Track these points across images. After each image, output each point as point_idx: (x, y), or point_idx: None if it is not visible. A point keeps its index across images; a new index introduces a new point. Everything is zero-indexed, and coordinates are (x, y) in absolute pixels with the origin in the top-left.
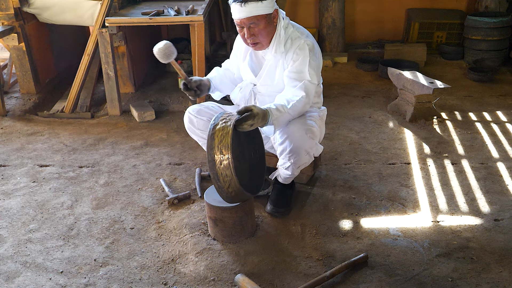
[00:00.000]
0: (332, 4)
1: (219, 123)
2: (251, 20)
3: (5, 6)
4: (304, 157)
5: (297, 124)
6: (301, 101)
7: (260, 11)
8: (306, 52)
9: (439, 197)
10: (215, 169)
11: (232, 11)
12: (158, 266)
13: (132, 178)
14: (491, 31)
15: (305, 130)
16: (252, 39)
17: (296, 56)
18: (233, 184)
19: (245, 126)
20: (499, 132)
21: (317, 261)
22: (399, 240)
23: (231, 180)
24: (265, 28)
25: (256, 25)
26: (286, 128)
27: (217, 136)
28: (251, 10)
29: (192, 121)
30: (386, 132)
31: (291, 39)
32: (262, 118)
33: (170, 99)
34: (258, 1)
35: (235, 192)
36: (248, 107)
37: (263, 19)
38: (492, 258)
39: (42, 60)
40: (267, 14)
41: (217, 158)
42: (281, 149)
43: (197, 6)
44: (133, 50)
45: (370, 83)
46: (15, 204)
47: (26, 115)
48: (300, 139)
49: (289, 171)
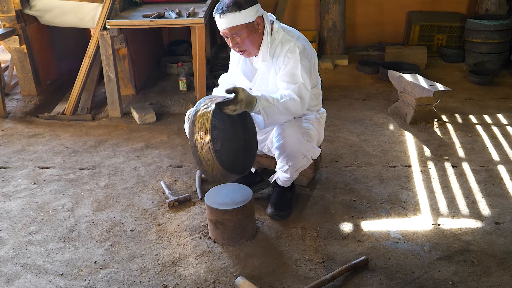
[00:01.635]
0: (333, 7)
1: (201, 109)
2: (232, 30)
3: (7, 8)
4: (302, 160)
5: (293, 127)
6: (293, 101)
7: (240, 21)
8: (297, 55)
9: (439, 200)
10: (198, 154)
11: (217, 24)
12: (158, 268)
13: (133, 180)
14: (492, 34)
15: (301, 133)
16: (238, 47)
17: (287, 60)
18: (216, 167)
19: (227, 111)
20: (500, 135)
21: (318, 264)
22: (399, 243)
23: (213, 164)
24: (248, 37)
25: (238, 35)
26: (282, 131)
27: (197, 123)
28: (230, 21)
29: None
30: (387, 134)
31: (281, 43)
32: (246, 104)
33: (170, 101)
34: (236, 11)
35: (220, 174)
36: (236, 89)
37: (244, 28)
38: (493, 262)
39: (43, 62)
40: (248, 23)
41: (198, 144)
42: (278, 152)
43: (198, 8)
44: (134, 52)
45: (371, 85)
46: (16, 206)
47: (27, 117)
48: (297, 142)
49: (287, 174)
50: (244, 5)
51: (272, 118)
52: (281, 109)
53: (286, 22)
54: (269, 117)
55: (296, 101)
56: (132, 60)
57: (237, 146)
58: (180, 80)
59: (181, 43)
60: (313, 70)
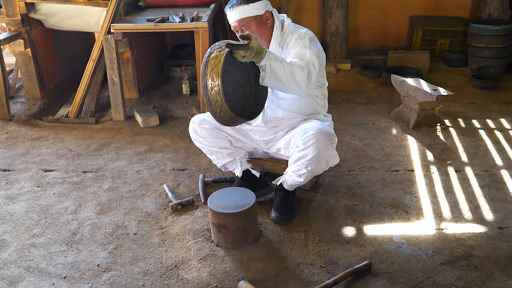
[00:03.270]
0: (336, 11)
1: (214, 52)
2: (241, 23)
3: (12, 12)
4: (322, 166)
5: (323, 132)
6: (301, 70)
7: (248, 13)
8: (306, 40)
9: (442, 204)
10: (208, 95)
11: (227, 17)
12: (161, 272)
13: (136, 183)
14: (494, 39)
15: (329, 138)
16: None
17: (296, 44)
18: (224, 109)
19: (237, 56)
20: (503, 140)
21: (320, 268)
22: (402, 247)
23: (222, 105)
24: (257, 29)
25: (247, 28)
26: (311, 135)
27: (210, 64)
28: (239, 13)
29: (195, 130)
30: (390, 139)
31: (291, 33)
32: (256, 53)
33: (174, 105)
34: (245, 4)
35: (227, 116)
36: (249, 36)
37: (253, 21)
38: (497, 267)
39: (48, 65)
40: (257, 15)
41: (209, 84)
42: (300, 155)
43: (202, 13)
44: (138, 56)
45: (374, 89)
46: (19, 208)
47: (31, 120)
48: (325, 147)
49: (302, 178)
50: None
51: (275, 75)
52: (286, 70)
53: None
54: (272, 72)
55: (303, 71)
56: (136, 63)
57: (247, 92)
58: (183, 83)
59: (184, 47)
60: (322, 62)
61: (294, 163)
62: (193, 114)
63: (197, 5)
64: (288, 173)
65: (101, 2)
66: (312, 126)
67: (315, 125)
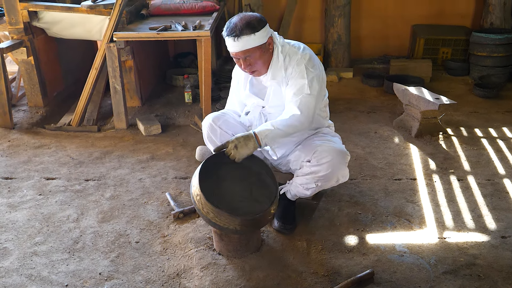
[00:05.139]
0: (338, 20)
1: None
2: (246, 53)
3: (15, 21)
4: (332, 183)
5: (337, 150)
6: (293, 117)
7: (254, 44)
8: (302, 68)
9: (445, 213)
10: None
11: (227, 44)
12: (163, 280)
13: (138, 191)
14: (497, 48)
15: (344, 157)
16: (249, 68)
17: (294, 72)
18: (206, 206)
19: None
20: (505, 149)
21: (323, 277)
22: (405, 256)
23: (205, 204)
24: (261, 57)
25: (251, 57)
26: (325, 152)
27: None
28: (245, 44)
29: (215, 132)
30: (392, 147)
31: (288, 56)
32: (244, 142)
33: (176, 113)
34: (251, 34)
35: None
36: (223, 144)
37: (258, 49)
38: (500, 276)
39: (50, 73)
40: (261, 44)
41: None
42: (311, 170)
43: (204, 21)
44: (140, 64)
45: (376, 98)
46: (21, 216)
47: (34, 128)
48: (339, 166)
49: (309, 191)
50: (257, 27)
51: (277, 141)
52: (283, 129)
53: (292, 35)
54: (275, 142)
55: (295, 115)
56: (138, 72)
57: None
58: (185, 92)
59: (186, 56)
60: (321, 84)
61: (303, 176)
62: (195, 123)
63: (200, 14)
64: (294, 184)
65: (103, 10)
66: (326, 143)
67: (329, 142)
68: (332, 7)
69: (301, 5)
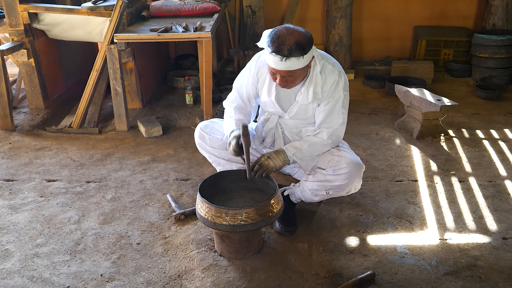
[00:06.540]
0: (339, 21)
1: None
2: (291, 73)
3: (15, 23)
4: (342, 194)
5: (355, 163)
6: (323, 143)
7: (300, 65)
8: (341, 93)
9: (446, 214)
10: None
11: (269, 60)
12: (164, 282)
13: (139, 193)
14: (499, 49)
15: (360, 171)
16: (285, 84)
17: (331, 96)
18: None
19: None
20: (507, 150)
21: (324, 278)
22: (406, 257)
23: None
24: (300, 76)
25: (292, 76)
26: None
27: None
28: (292, 65)
29: (203, 137)
30: (393, 149)
31: (324, 73)
32: (276, 154)
33: (177, 115)
34: (300, 56)
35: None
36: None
37: (301, 70)
38: (501, 277)
39: (51, 75)
40: (306, 65)
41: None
42: (326, 178)
43: (205, 23)
44: (141, 66)
45: (377, 100)
46: (23, 218)
47: (35, 130)
48: (355, 178)
49: (317, 198)
50: (306, 47)
51: (306, 161)
52: (310, 151)
53: None
54: (301, 161)
55: (324, 143)
56: (139, 73)
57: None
58: (186, 94)
59: (187, 57)
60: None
61: (314, 182)
62: (196, 124)
63: (201, 15)
64: (302, 188)
65: (104, 12)
66: (342, 153)
67: (344, 151)
68: (334, 9)
69: (303, 6)
